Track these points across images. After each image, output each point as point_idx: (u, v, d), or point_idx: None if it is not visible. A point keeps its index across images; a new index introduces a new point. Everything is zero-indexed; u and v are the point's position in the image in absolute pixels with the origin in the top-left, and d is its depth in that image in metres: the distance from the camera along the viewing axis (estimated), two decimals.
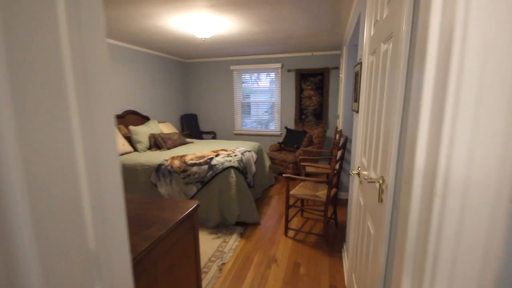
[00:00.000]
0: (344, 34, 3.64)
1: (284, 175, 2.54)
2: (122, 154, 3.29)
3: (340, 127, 3.56)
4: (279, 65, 5.23)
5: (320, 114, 5.21)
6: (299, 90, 5.26)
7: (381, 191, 0.95)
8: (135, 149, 3.52)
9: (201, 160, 2.93)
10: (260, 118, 5.70)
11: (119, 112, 4.05)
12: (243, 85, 5.63)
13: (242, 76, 5.57)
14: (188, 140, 4.32)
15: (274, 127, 5.59)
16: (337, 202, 2.84)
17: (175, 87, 5.52)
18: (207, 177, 2.79)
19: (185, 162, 2.92)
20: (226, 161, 2.89)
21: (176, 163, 2.93)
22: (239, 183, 2.82)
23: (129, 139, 3.55)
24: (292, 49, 4.81)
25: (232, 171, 2.79)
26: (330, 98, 5.12)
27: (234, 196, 2.73)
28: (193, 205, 1.26)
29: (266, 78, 5.46)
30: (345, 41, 3.63)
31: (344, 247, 2.38)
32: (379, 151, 1.08)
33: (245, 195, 2.86)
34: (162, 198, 1.33)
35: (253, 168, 3.34)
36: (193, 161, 2.92)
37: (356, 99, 1.89)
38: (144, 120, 4.50)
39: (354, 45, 3.23)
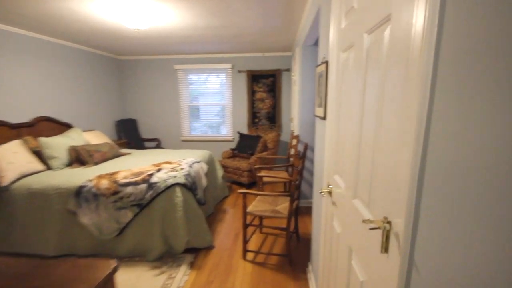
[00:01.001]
0: (296, 34, 3.48)
1: (239, 191, 2.18)
2: (27, 175, 2.51)
3: (296, 131, 3.38)
4: (229, 65, 4.88)
5: (274, 117, 5.03)
6: (251, 92, 4.99)
7: (385, 238, 0.67)
8: (49, 167, 2.75)
9: (137, 178, 2.38)
10: (210, 122, 5.25)
11: (27, 119, 3.17)
12: (190, 86, 5.11)
13: (189, 77, 5.06)
14: (124, 151, 3.64)
15: (226, 132, 5.21)
16: (298, 213, 2.61)
17: (107, 88, 4.71)
18: (146, 198, 2.27)
19: (116, 182, 2.34)
20: (170, 177, 2.40)
21: (105, 183, 2.33)
22: (187, 202, 2.37)
23: (39, 154, 2.76)
24: (242, 49, 4.50)
25: (178, 189, 2.33)
26: (283, 101, 4.98)
27: (181, 219, 2.27)
28: (107, 270, 0.81)
29: (216, 79, 5.05)
30: (297, 41, 3.47)
31: (310, 267, 2.14)
32: (375, 177, 0.80)
33: (195, 216, 2.42)
34: (53, 261, 0.84)
35: (204, 182, 2.91)
36: (127, 180, 2.36)
37: (321, 103, 1.65)
38: (64, 128, 3.66)
39: (309, 46, 3.07)
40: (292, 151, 3.50)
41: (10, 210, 2.36)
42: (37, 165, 2.64)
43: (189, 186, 2.45)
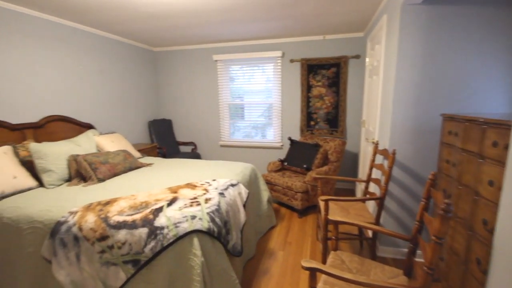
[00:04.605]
0: None
1: (305, 265, 1.12)
2: (9, 195, 1.86)
3: (384, 144, 2.19)
4: (278, 53, 3.87)
5: (335, 119, 3.86)
6: (307, 87, 3.90)
7: None
8: (41, 184, 2.09)
9: (137, 215, 1.51)
10: (255, 124, 4.31)
11: (36, 118, 2.61)
12: (231, 80, 4.25)
13: (230, 69, 4.19)
14: (145, 161, 2.90)
15: (273, 137, 4.21)
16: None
17: (140, 84, 4.11)
18: (145, 253, 1.38)
19: (106, 220, 1.50)
20: (186, 217, 1.48)
21: (90, 220, 1.52)
22: (212, 262, 1.42)
23: (33, 165, 2.12)
24: (296, 31, 3.45)
25: (196, 241, 1.38)
26: (349, 98, 3.77)
27: None
28: None
29: (262, 72, 4.09)
30: (388, 4, 2.28)
31: None
32: None
33: (224, 282, 1.46)
34: None
35: (242, 217, 1.94)
36: (121, 217, 1.51)
37: None
38: (85, 130, 3.08)
39: (416, 4, 1.88)
40: (376, 174, 2.32)
41: None
42: (25, 180, 1.98)
43: (217, 233, 1.50)
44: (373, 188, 2.47)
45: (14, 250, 1.62)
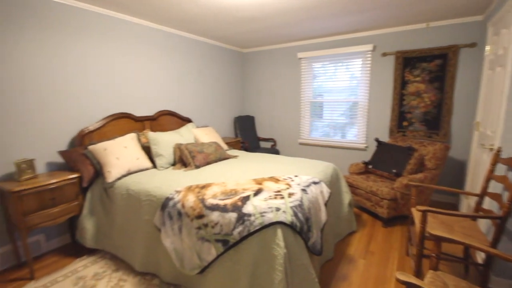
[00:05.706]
0: None
1: (401, 278, 1.02)
2: (133, 173, 2.35)
3: (511, 151, 1.76)
4: (369, 46, 3.57)
5: (436, 120, 3.31)
6: (401, 83, 3.48)
7: None
8: (154, 165, 2.55)
9: (228, 201, 1.68)
10: (335, 123, 4.13)
11: (151, 112, 3.20)
12: (314, 78, 4.17)
13: (313, 66, 4.12)
14: (231, 153, 3.16)
15: (355, 137, 3.94)
16: None
17: (230, 82, 4.49)
18: (233, 236, 1.52)
19: (203, 201, 1.73)
20: (271, 208, 1.56)
21: (190, 199, 1.77)
22: (294, 255, 1.45)
23: (149, 150, 2.61)
24: (391, 21, 3.11)
25: (280, 232, 1.44)
26: (456, 95, 3.18)
27: (280, 285, 1.38)
28: None
29: (346, 69, 3.86)
30: None
31: None
32: None
33: (303, 278, 1.47)
34: None
35: (323, 216, 1.90)
36: (215, 201, 1.70)
37: None
38: (185, 123, 3.59)
39: None
40: (495, 188, 1.89)
41: (113, 208, 2.22)
42: (144, 162, 2.47)
43: (299, 228, 1.52)
44: (488, 204, 2.03)
45: (135, 217, 2.04)
